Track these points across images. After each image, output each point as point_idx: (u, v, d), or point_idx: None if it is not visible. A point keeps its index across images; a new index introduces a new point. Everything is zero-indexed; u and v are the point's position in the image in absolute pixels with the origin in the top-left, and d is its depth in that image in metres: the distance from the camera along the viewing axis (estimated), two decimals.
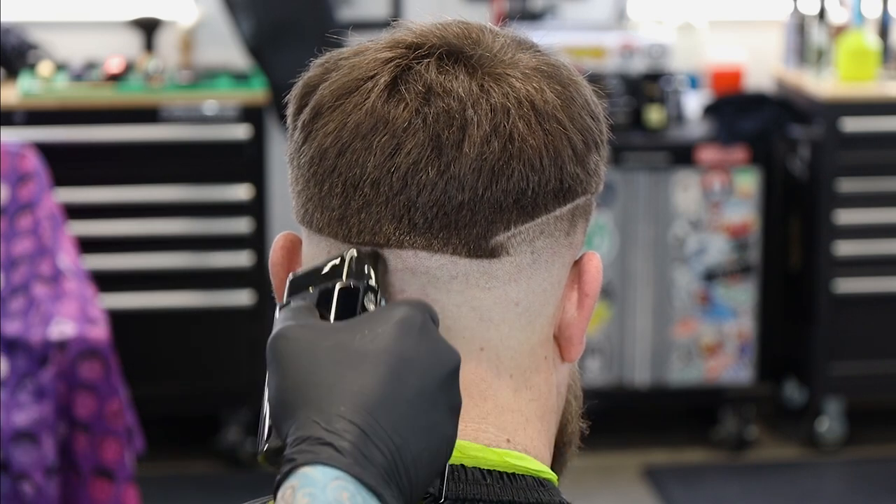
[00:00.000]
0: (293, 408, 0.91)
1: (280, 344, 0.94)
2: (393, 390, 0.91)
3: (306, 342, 0.93)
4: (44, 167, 3.91)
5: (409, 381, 0.92)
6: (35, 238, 3.77)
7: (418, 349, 0.93)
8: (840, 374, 4.70)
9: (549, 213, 1.02)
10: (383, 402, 0.91)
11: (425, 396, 0.92)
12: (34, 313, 3.63)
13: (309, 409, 0.90)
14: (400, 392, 0.91)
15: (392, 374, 0.92)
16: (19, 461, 3.41)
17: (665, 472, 4.55)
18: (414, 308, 0.95)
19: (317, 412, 0.90)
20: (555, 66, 1.04)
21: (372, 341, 0.93)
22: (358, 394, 0.91)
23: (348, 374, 0.91)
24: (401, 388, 0.92)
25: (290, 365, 0.93)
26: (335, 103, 1.02)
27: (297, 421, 0.91)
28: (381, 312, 0.95)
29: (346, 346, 0.93)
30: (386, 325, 0.94)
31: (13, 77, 4.66)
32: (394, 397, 0.91)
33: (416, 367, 0.93)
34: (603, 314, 4.68)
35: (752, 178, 4.66)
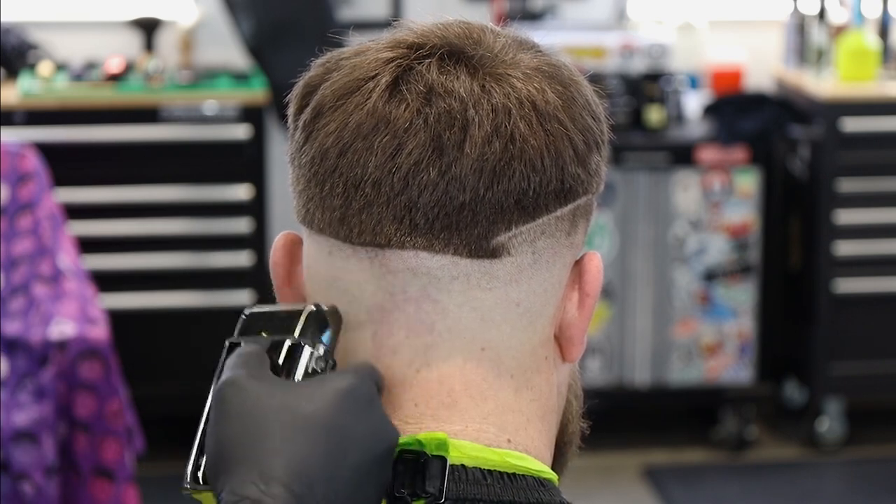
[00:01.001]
0: (233, 461, 0.94)
1: (229, 393, 0.96)
2: (331, 463, 0.94)
3: (255, 397, 0.95)
4: (44, 167, 3.91)
5: (348, 457, 0.95)
6: (35, 238, 3.77)
7: (360, 425, 0.96)
8: (840, 374, 4.70)
9: (550, 213, 1.02)
10: (320, 474, 0.93)
11: (360, 472, 0.95)
12: (34, 313, 3.63)
13: (249, 467, 0.93)
14: (337, 466, 0.94)
15: (333, 447, 0.94)
16: (19, 461, 3.41)
17: (665, 472, 4.55)
18: (362, 379, 0.98)
19: (257, 474, 0.92)
20: (556, 67, 1.04)
21: (317, 410, 0.95)
22: (298, 462, 0.93)
23: (291, 440, 0.94)
24: (339, 461, 0.94)
25: (235, 417, 0.95)
26: (336, 103, 1.02)
27: (235, 476, 0.93)
28: (330, 380, 0.97)
29: (293, 410, 0.95)
30: (333, 395, 0.96)
31: (13, 77, 4.66)
32: (331, 470, 0.94)
33: (356, 443, 0.95)
34: (603, 314, 4.68)
35: (752, 178, 4.66)
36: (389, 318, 1.02)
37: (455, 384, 1.03)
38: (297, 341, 1.00)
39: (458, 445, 1.01)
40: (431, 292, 1.01)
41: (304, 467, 0.93)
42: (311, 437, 0.94)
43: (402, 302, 1.02)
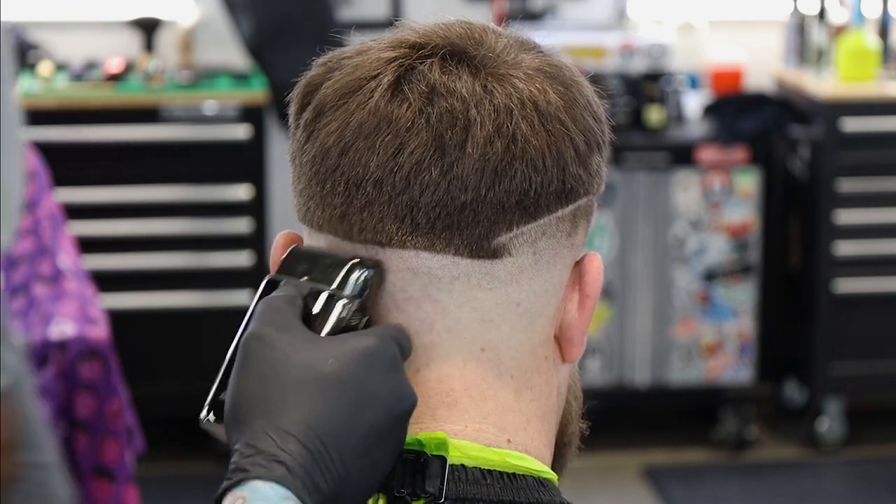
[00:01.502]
0: (250, 414, 0.95)
1: (254, 346, 0.97)
2: (349, 422, 0.95)
3: (279, 352, 0.96)
4: (44, 167, 3.91)
5: (366, 416, 0.95)
6: (35, 238, 3.77)
7: (381, 385, 0.96)
8: (840, 374, 4.70)
9: (551, 213, 1.02)
10: (337, 432, 0.94)
11: (377, 433, 0.96)
12: (34, 313, 3.63)
13: (267, 421, 0.94)
14: (355, 425, 0.95)
15: (352, 406, 0.95)
16: None
17: (665, 472, 4.55)
18: (385, 340, 0.98)
19: (273, 428, 0.93)
20: (557, 67, 1.04)
21: (339, 369, 0.96)
22: (315, 419, 0.94)
23: (311, 397, 0.94)
24: (357, 421, 0.95)
25: (257, 371, 0.96)
26: (338, 102, 1.02)
27: (251, 429, 0.94)
28: (354, 338, 0.98)
29: (315, 367, 0.95)
30: (355, 354, 0.96)
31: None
32: (348, 429, 0.94)
33: (375, 403, 0.96)
34: (603, 314, 4.68)
35: (752, 178, 4.66)
36: (389, 317, 1.02)
37: (455, 384, 1.03)
38: (335, 292, 1.00)
39: (457, 445, 1.01)
40: (432, 292, 1.01)
41: (320, 424, 0.94)
42: (329, 395, 0.95)
43: (403, 301, 1.02)
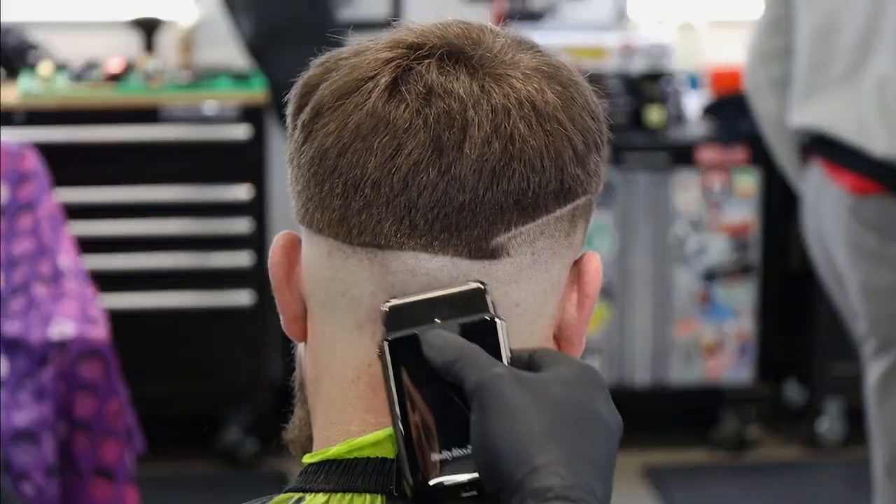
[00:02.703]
0: (524, 454, 0.92)
1: (499, 385, 0.94)
2: (605, 455, 0.96)
3: (524, 388, 0.94)
4: (44, 167, 3.91)
5: (611, 446, 0.97)
6: (35, 238, 3.77)
7: (612, 415, 0.98)
8: (840, 374, 4.70)
9: (549, 213, 1.02)
10: (600, 468, 0.95)
11: (614, 462, 0.98)
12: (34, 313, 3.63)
13: (547, 460, 0.92)
14: (608, 457, 0.96)
15: (605, 440, 0.96)
16: (19, 461, 3.41)
17: (665, 472, 4.55)
18: (591, 367, 0.99)
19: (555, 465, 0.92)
20: (555, 67, 1.04)
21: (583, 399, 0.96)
22: (585, 456, 0.94)
23: (574, 432, 0.94)
24: (608, 453, 0.96)
25: (513, 409, 0.93)
26: (335, 103, 1.02)
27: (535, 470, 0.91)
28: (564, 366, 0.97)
29: (565, 401, 0.95)
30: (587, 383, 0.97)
31: (13, 77, 4.66)
32: (605, 463, 0.96)
33: (613, 434, 0.98)
34: (603, 314, 4.68)
35: (752, 178, 4.66)
36: None
37: None
38: (495, 316, 0.98)
39: None
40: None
41: (589, 461, 0.94)
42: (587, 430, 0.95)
43: None
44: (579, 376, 0.97)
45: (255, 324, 4.52)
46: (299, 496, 1.04)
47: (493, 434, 0.93)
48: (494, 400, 0.94)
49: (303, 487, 1.04)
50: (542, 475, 0.91)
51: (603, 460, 0.95)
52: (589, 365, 0.99)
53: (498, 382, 0.94)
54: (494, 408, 0.94)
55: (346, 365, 1.04)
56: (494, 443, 0.93)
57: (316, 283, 1.05)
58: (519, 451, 0.92)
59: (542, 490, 0.90)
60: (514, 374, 0.95)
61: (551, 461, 0.92)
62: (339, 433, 1.04)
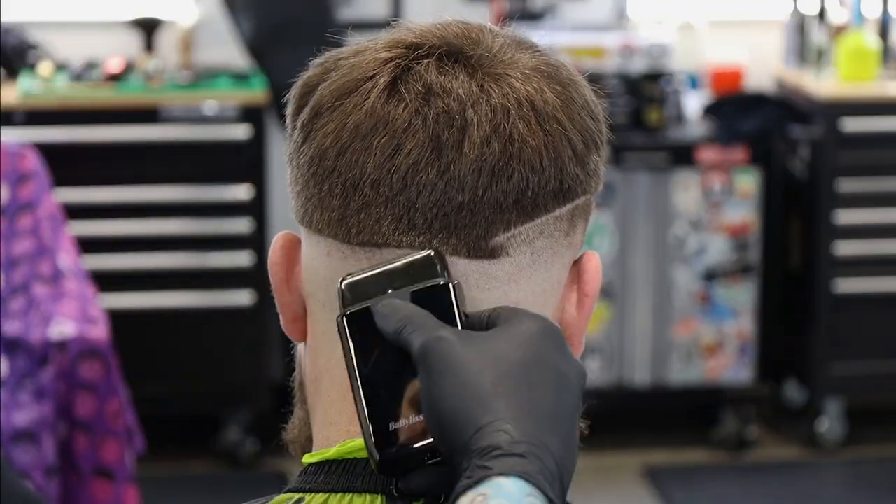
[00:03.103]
0: (469, 416, 0.90)
1: (440, 348, 0.93)
2: (559, 405, 0.92)
3: (468, 348, 0.93)
4: (44, 167, 3.91)
5: (567, 398, 0.93)
6: (35, 238, 3.77)
7: (568, 363, 0.94)
8: (840, 374, 4.70)
9: (548, 213, 1.02)
10: (554, 419, 0.91)
11: (575, 412, 0.93)
12: (34, 313, 3.63)
13: (492, 419, 0.90)
14: (563, 407, 0.92)
15: (556, 388, 0.92)
16: (19, 461, 3.41)
17: (665, 472, 4.55)
18: (548, 320, 0.96)
19: (501, 422, 0.89)
20: (554, 67, 1.04)
21: (535, 354, 0.93)
22: (535, 409, 0.91)
23: (521, 386, 0.91)
24: (563, 404, 0.92)
25: (455, 372, 0.92)
26: (335, 103, 1.02)
27: (476, 430, 0.90)
28: (522, 322, 0.95)
29: (512, 356, 0.93)
30: (540, 338, 0.94)
31: (13, 77, 4.66)
32: (559, 413, 0.92)
33: (570, 383, 0.94)
34: (603, 314, 4.68)
35: (752, 178, 4.66)
36: None
37: None
38: (448, 281, 0.97)
39: None
40: None
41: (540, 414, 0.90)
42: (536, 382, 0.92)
43: None
44: (532, 330, 0.94)
45: (255, 324, 4.52)
46: (299, 496, 1.04)
47: (438, 397, 0.92)
48: (437, 362, 0.92)
49: (302, 487, 1.04)
50: (487, 434, 0.89)
51: (559, 411, 0.92)
52: (545, 318, 0.96)
53: (440, 344, 0.93)
54: (437, 370, 0.92)
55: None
56: (440, 406, 0.92)
57: (315, 283, 1.05)
58: (464, 411, 0.91)
59: (488, 449, 0.89)
60: (459, 335, 0.93)
61: (497, 418, 0.89)
62: (339, 433, 1.04)
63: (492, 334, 0.94)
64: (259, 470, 4.54)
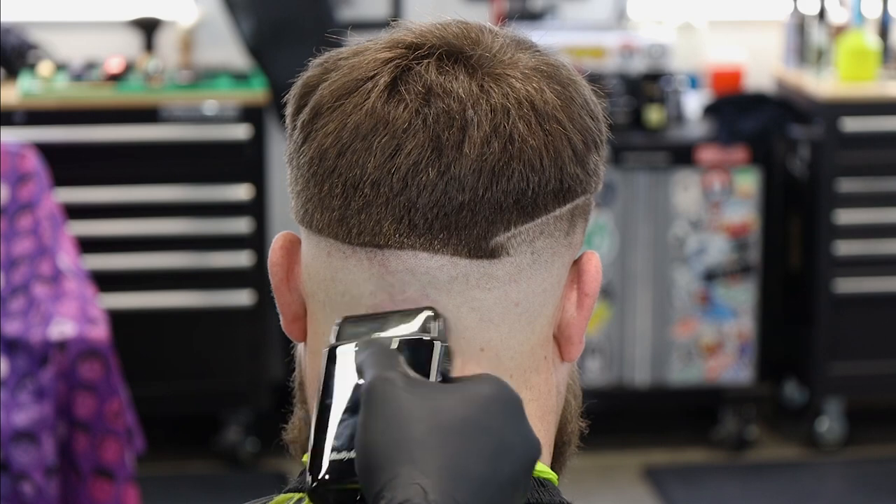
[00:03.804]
0: (391, 462, 0.89)
1: (384, 389, 0.92)
2: (492, 472, 0.90)
3: (412, 396, 0.92)
4: (44, 167, 3.91)
5: (505, 467, 0.91)
6: (35, 238, 3.77)
7: (515, 433, 0.93)
8: (840, 374, 4.70)
9: (548, 213, 1.02)
10: (481, 483, 0.90)
11: (512, 483, 0.92)
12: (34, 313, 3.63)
13: (411, 469, 0.89)
14: (497, 475, 0.91)
15: (493, 455, 0.91)
16: (19, 461, 3.41)
17: (665, 472, 4.55)
18: (507, 386, 0.95)
19: (420, 475, 0.88)
20: (554, 66, 1.04)
21: (478, 415, 0.92)
22: (461, 468, 0.89)
23: (454, 445, 0.90)
24: (498, 471, 0.91)
25: (390, 415, 0.91)
26: (335, 104, 1.02)
27: (394, 477, 0.89)
28: (478, 384, 0.94)
29: (453, 413, 0.91)
30: (491, 401, 0.93)
31: (13, 77, 4.66)
32: (491, 480, 0.90)
33: (512, 453, 0.92)
34: (603, 314, 4.68)
35: (752, 178, 4.66)
36: None
37: None
38: (434, 339, 0.97)
39: None
40: (430, 293, 1.01)
41: (465, 476, 0.89)
42: (471, 443, 0.90)
43: (402, 302, 1.01)
44: (486, 392, 0.93)
45: (255, 324, 4.52)
46: (299, 496, 1.04)
47: (365, 436, 0.91)
48: (375, 402, 0.92)
49: (302, 487, 1.04)
50: (401, 484, 0.88)
51: (489, 478, 0.90)
52: (506, 386, 0.94)
53: (383, 384, 0.92)
54: (373, 410, 0.91)
55: None
56: (365, 445, 0.91)
57: (316, 283, 1.05)
58: (385, 455, 0.90)
59: (396, 500, 0.87)
60: (410, 381, 0.93)
61: (416, 470, 0.88)
62: None
63: (444, 387, 0.94)
64: (259, 470, 4.54)
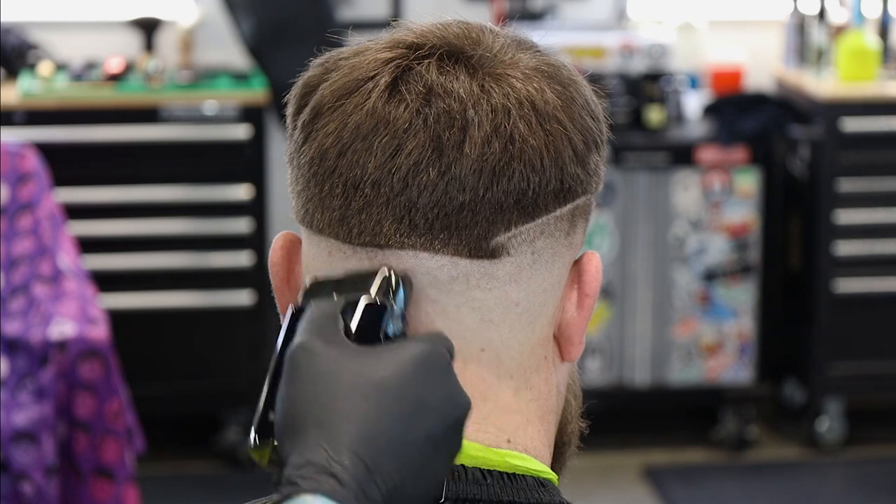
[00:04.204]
0: (302, 425, 0.91)
1: (302, 357, 0.93)
2: (405, 431, 0.91)
3: (330, 361, 0.93)
4: (44, 167, 3.91)
5: (422, 424, 0.92)
6: (35, 238, 3.77)
7: (437, 392, 0.93)
8: (840, 374, 4.70)
9: (549, 213, 1.02)
10: (393, 441, 0.91)
11: (433, 441, 0.93)
12: (34, 313, 3.63)
13: (319, 432, 0.90)
14: (411, 434, 0.92)
15: (408, 414, 0.92)
16: (19, 461, 3.41)
17: (665, 472, 4.55)
18: (436, 345, 0.95)
19: (326, 439, 0.90)
20: (555, 67, 1.04)
21: (394, 376, 0.92)
22: (370, 428, 0.90)
23: (365, 406, 0.91)
24: (413, 429, 0.92)
25: (308, 380, 0.92)
26: (335, 104, 1.02)
27: (304, 441, 0.90)
28: (406, 345, 0.95)
29: (368, 375, 0.92)
30: (408, 361, 0.93)
31: (13, 77, 4.66)
32: (404, 438, 0.91)
33: (432, 411, 0.93)
34: (603, 314, 4.68)
35: (752, 178, 4.66)
36: None
37: None
38: (373, 300, 0.98)
39: None
40: (431, 292, 1.01)
41: (376, 433, 0.90)
42: (384, 403, 0.91)
43: None
44: (410, 353, 0.94)
45: (255, 324, 4.52)
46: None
47: (284, 401, 0.93)
48: (294, 367, 0.93)
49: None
50: (308, 447, 0.90)
51: (407, 438, 0.91)
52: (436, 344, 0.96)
53: (303, 351, 0.94)
54: (291, 375, 0.93)
55: None
56: (283, 409, 0.93)
57: None
58: (297, 419, 0.91)
59: (303, 463, 0.89)
60: (334, 346, 0.94)
61: (324, 433, 0.90)
62: None
63: (369, 350, 0.94)
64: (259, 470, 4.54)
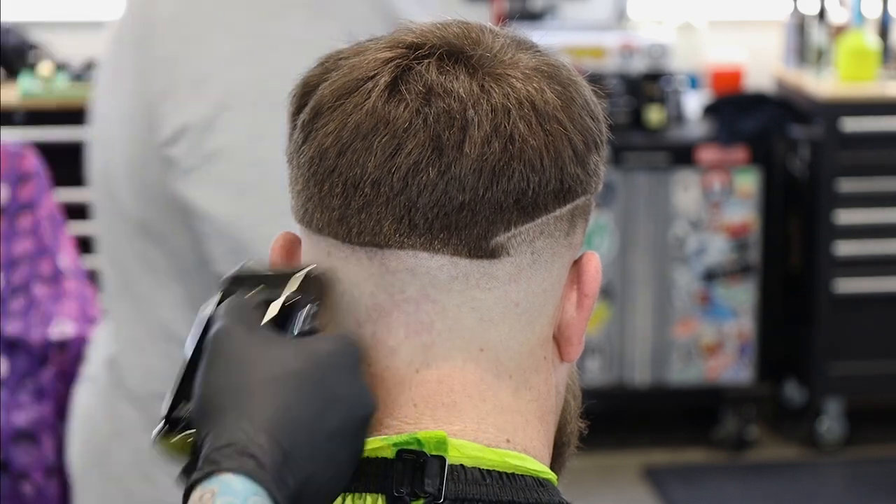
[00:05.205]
0: (221, 408, 0.95)
1: (224, 341, 0.97)
2: (317, 421, 0.95)
3: (249, 348, 0.97)
4: (44, 167, 3.91)
5: (333, 417, 0.96)
6: (35, 238, 3.77)
7: (346, 388, 0.98)
8: (840, 374, 4.70)
9: (549, 213, 1.02)
10: (307, 431, 0.95)
11: (342, 435, 0.97)
12: (34, 313, 3.63)
13: (239, 414, 0.94)
14: (323, 425, 0.96)
15: (320, 405, 0.96)
16: (19, 461, 3.41)
17: (665, 472, 4.55)
18: (349, 345, 0.99)
19: (244, 421, 0.93)
20: (555, 67, 1.04)
21: (310, 367, 0.96)
22: (285, 415, 0.94)
23: (283, 394, 0.95)
24: (325, 421, 0.96)
25: (226, 365, 0.96)
26: (335, 103, 1.02)
27: (221, 421, 0.94)
28: (318, 340, 0.99)
29: (285, 365, 0.96)
30: (322, 354, 0.97)
31: (13, 77, 4.66)
32: (316, 427, 0.95)
33: (343, 406, 0.97)
34: (603, 314, 4.68)
35: (752, 178, 4.66)
36: (389, 318, 1.02)
37: (454, 384, 1.03)
38: (292, 299, 1.01)
39: (457, 445, 1.01)
40: (431, 292, 1.01)
41: (290, 420, 0.94)
42: (298, 393, 0.95)
43: (402, 302, 1.02)
44: (324, 348, 0.98)
45: None
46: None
47: (202, 385, 0.96)
48: (214, 352, 0.97)
49: None
50: (228, 429, 0.93)
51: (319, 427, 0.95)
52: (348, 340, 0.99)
53: (223, 336, 0.97)
54: (211, 359, 0.97)
55: None
56: (201, 393, 0.96)
57: None
58: (216, 402, 0.95)
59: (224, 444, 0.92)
60: (249, 334, 0.97)
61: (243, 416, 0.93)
62: None
63: (286, 342, 0.98)
64: None
